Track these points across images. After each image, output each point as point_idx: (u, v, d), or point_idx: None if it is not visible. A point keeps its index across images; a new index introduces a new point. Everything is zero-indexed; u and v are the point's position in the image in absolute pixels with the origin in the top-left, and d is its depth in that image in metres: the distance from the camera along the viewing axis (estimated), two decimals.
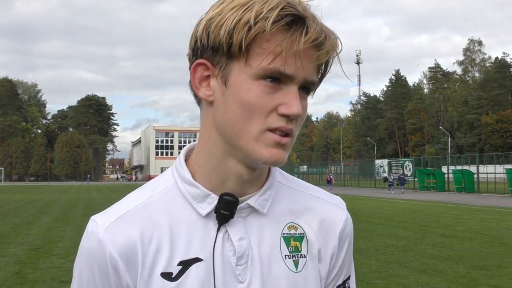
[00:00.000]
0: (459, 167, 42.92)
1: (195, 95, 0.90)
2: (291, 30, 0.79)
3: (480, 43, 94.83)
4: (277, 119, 0.81)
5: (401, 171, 52.81)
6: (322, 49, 0.81)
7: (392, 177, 41.68)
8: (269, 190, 0.93)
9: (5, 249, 10.54)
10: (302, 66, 0.80)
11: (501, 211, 20.22)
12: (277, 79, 0.81)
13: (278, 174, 0.99)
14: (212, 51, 0.83)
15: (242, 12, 0.79)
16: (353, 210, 20.58)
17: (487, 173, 40.24)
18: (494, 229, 13.86)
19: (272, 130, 0.81)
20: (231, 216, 0.87)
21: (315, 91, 0.88)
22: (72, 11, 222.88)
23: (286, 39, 0.79)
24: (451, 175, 40.96)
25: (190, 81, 0.88)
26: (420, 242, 11.40)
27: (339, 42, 0.84)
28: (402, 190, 40.00)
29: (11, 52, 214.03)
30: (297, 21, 0.80)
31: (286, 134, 0.82)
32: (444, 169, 45.27)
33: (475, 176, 38.13)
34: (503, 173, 36.32)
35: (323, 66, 0.86)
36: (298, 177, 1.06)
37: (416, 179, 45.92)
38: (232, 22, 0.79)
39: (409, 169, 51.10)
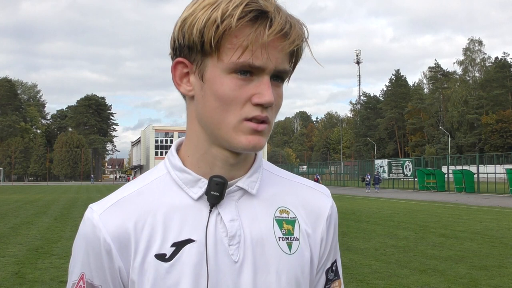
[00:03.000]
0: (459, 167, 42.97)
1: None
2: (256, 24, 0.84)
3: (480, 43, 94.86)
4: (252, 108, 0.87)
5: (401, 171, 52.87)
6: (288, 39, 0.86)
7: (369, 177, 43.86)
8: (256, 174, 0.99)
9: (4, 250, 10.54)
10: (269, 57, 0.85)
11: (501, 211, 20.24)
12: (248, 71, 0.86)
13: (265, 162, 1.04)
14: (188, 50, 0.89)
15: (211, 11, 0.85)
16: (353, 210, 20.60)
17: (487, 173, 40.27)
18: (494, 229, 13.87)
19: (249, 120, 0.87)
20: (221, 197, 0.92)
21: (289, 77, 0.93)
22: (78, 12, 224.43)
23: (251, 33, 0.84)
24: (451, 175, 40.99)
25: (172, 78, 0.94)
26: (420, 242, 11.41)
27: (306, 30, 0.89)
28: (376, 189, 42.45)
29: (15, 52, 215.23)
30: (261, 15, 0.85)
31: (262, 121, 0.88)
32: (444, 169, 45.31)
33: (475, 176, 38.16)
34: (503, 173, 36.37)
35: (294, 54, 0.91)
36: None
37: (416, 179, 45.92)
38: (202, 21, 0.85)
39: (409, 169, 51.08)
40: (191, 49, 0.89)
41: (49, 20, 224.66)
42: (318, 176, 55.41)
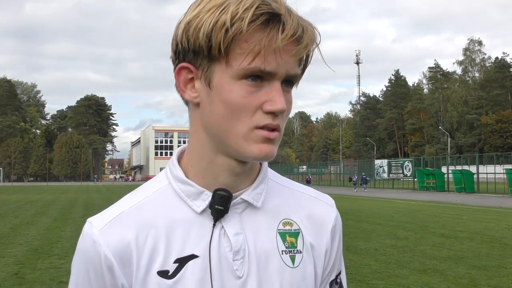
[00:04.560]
0: (458, 167, 42.97)
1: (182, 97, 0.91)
2: (268, 28, 0.80)
3: (480, 43, 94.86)
4: (264, 116, 0.82)
5: (401, 171, 52.90)
6: (301, 43, 0.82)
7: (356, 177, 47.13)
8: (261, 185, 0.95)
9: (3, 250, 10.53)
10: (283, 62, 0.81)
11: (501, 212, 20.23)
12: (259, 77, 0.81)
13: (270, 171, 1.01)
14: (193, 54, 0.84)
15: (219, 14, 0.79)
16: (352, 210, 20.60)
17: (487, 173, 40.27)
18: (494, 229, 13.87)
19: (260, 128, 0.83)
20: (225, 211, 0.88)
21: (298, 82, 0.89)
22: (81, 13, 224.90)
23: (263, 38, 0.79)
24: (450, 175, 40.96)
25: (175, 84, 0.89)
26: (419, 242, 11.41)
27: (317, 33, 0.85)
28: (365, 189, 45.16)
29: (18, 53, 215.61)
30: (273, 18, 0.80)
31: (273, 129, 0.84)
32: (443, 169, 45.28)
33: (475, 176, 38.14)
34: (503, 173, 36.33)
35: (304, 58, 0.87)
36: (298, 178, 1.07)
37: (415, 179, 45.96)
38: (209, 24, 0.80)
39: (409, 169, 51.10)
40: (197, 54, 0.83)
41: (52, 21, 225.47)
42: (310, 177, 56.61)
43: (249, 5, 0.79)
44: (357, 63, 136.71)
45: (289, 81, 0.85)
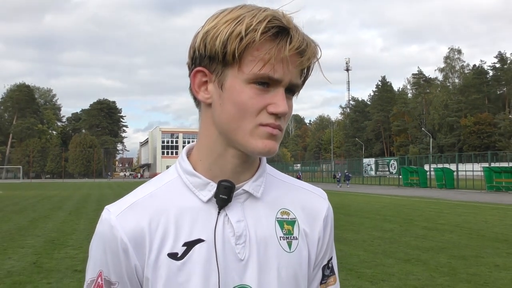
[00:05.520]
0: (440, 165, 42.96)
1: (194, 98, 0.94)
2: (277, 39, 0.84)
3: (459, 51, 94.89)
4: (267, 116, 0.86)
5: (387, 168, 52.91)
6: (304, 56, 0.86)
7: (339, 174, 48.71)
8: (260, 178, 0.97)
9: (23, 241, 10.54)
10: (288, 71, 0.85)
11: (479, 206, 20.24)
12: (266, 83, 0.85)
13: (268, 167, 1.03)
14: (209, 60, 0.88)
15: (234, 25, 0.84)
16: (342, 205, 20.60)
17: (465, 171, 40.24)
18: (472, 222, 13.87)
19: (263, 125, 0.86)
20: (229, 200, 0.91)
21: (299, 92, 0.92)
22: (96, 25, 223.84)
23: (273, 48, 0.83)
24: (432, 173, 41.00)
25: (190, 86, 0.92)
26: (404, 234, 11.41)
27: (319, 49, 0.89)
28: (347, 184, 46.39)
29: (38, 61, 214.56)
30: (282, 31, 0.84)
31: (276, 127, 0.88)
32: (426, 167, 45.28)
33: (455, 173, 38.19)
34: (480, 171, 36.34)
35: (305, 70, 0.90)
36: (292, 175, 1.08)
37: (400, 176, 45.97)
38: (226, 34, 0.84)
39: (394, 167, 51.05)
40: (212, 60, 0.87)
41: (69, 32, 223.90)
42: (300, 174, 58.09)
43: (262, 18, 0.83)
44: (347, 70, 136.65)
45: (291, 90, 0.89)
